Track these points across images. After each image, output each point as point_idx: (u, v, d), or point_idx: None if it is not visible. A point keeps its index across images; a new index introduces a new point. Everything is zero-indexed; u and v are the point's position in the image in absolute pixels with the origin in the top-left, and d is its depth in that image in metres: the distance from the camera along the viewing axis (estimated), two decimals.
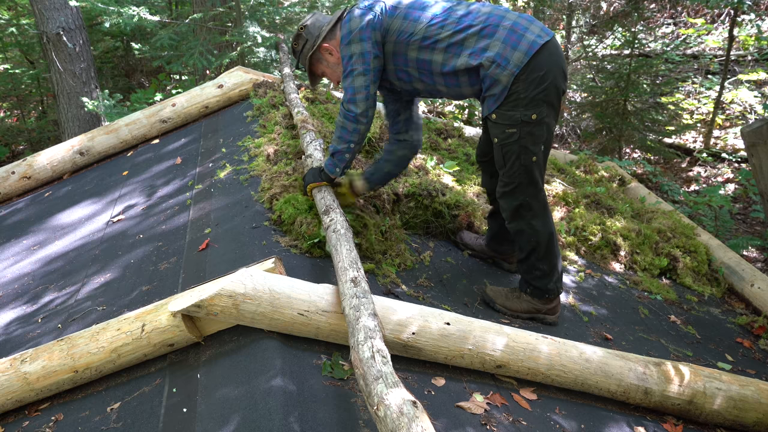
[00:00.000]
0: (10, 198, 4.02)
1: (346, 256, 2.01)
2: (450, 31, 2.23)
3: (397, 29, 2.27)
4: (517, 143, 2.27)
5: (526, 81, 2.17)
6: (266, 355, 1.82)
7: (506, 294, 2.55)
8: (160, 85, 8.03)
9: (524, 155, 2.29)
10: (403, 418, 1.30)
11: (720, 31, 9.38)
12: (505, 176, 2.37)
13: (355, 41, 2.25)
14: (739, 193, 6.25)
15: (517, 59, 2.15)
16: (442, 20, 2.24)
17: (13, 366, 1.98)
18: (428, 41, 2.26)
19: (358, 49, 2.25)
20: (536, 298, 2.51)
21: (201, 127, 4.15)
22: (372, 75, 2.27)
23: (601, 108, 6.70)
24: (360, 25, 2.24)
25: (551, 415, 2.02)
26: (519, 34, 2.17)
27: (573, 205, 3.64)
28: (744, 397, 2.19)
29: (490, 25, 2.20)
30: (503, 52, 2.16)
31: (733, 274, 3.46)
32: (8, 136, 8.32)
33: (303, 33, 2.43)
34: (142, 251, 2.79)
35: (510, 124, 2.24)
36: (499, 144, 2.31)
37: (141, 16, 5.34)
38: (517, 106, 2.20)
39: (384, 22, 2.26)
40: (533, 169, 2.33)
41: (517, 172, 2.33)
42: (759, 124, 3.01)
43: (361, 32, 2.24)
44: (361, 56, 2.25)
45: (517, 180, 2.35)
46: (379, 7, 2.28)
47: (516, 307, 2.51)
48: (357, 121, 2.32)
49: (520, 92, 2.18)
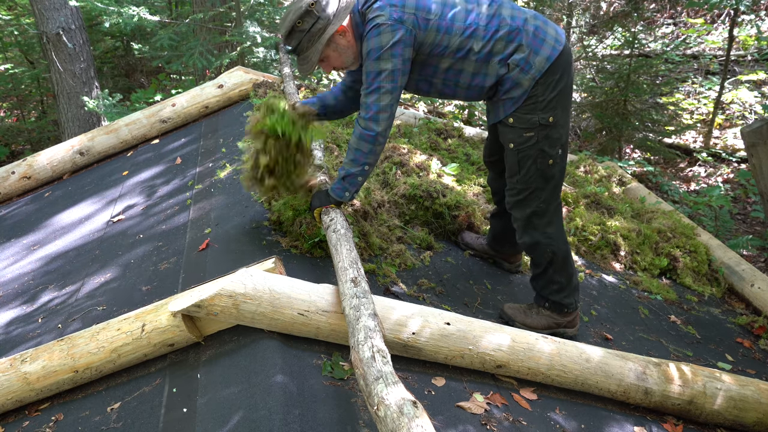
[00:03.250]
0: (10, 198, 4.02)
1: (346, 256, 2.01)
2: (482, 39, 2.16)
3: (431, 43, 2.15)
4: (535, 147, 2.23)
5: (544, 84, 2.16)
6: (266, 355, 1.82)
7: (524, 311, 2.49)
8: (160, 85, 8.03)
9: (541, 159, 2.25)
10: (403, 418, 1.30)
11: (720, 31, 9.39)
12: (519, 183, 2.31)
13: (386, 58, 2.08)
14: (739, 193, 6.24)
15: (540, 64, 2.14)
16: (474, 29, 2.15)
17: (13, 366, 1.98)
18: (461, 52, 2.17)
19: (389, 66, 2.09)
20: (555, 312, 2.46)
21: (201, 127, 4.15)
22: (398, 93, 2.16)
23: (601, 108, 6.70)
24: (392, 41, 2.07)
25: (551, 415, 2.02)
26: (540, 38, 2.16)
27: (573, 205, 3.64)
28: (744, 397, 2.19)
29: (516, 28, 2.16)
30: (528, 57, 2.14)
31: (733, 274, 3.46)
32: (8, 136, 8.32)
33: (314, 10, 2.12)
34: (142, 251, 2.79)
35: (528, 127, 2.21)
36: (516, 149, 2.26)
37: (141, 16, 5.34)
38: (535, 109, 2.19)
39: (418, 36, 2.11)
40: (550, 174, 2.29)
41: (533, 177, 2.28)
42: (759, 124, 3.01)
43: (392, 48, 2.08)
44: (392, 74, 2.11)
45: (533, 185, 2.29)
46: (410, 20, 2.09)
47: (536, 324, 2.44)
48: (375, 141, 2.18)
49: (538, 95, 2.17)
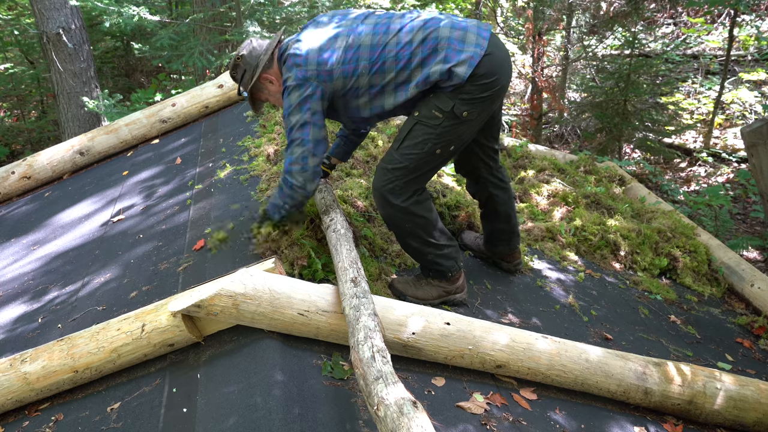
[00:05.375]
0: (10, 198, 4.02)
1: (346, 256, 2.01)
2: (393, 71, 2.20)
3: (341, 88, 2.24)
4: (435, 129, 2.21)
5: (475, 84, 2.16)
6: (266, 355, 1.83)
7: (414, 283, 2.47)
8: (160, 85, 8.03)
9: (431, 143, 2.23)
10: (403, 418, 1.30)
11: (720, 31, 9.39)
12: (397, 152, 2.26)
13: (295, 113, 2.21)
14: (739, 193, 6.24)
15: (461, 72, 2.13)
16: (381, 64, 2.20)
17: (13, 366, 1.98)
18: (375, 88, 2.24)
19: (299, 119, 2.21)
20: (442, 280, 2.45)
21: (201, 127, 4.15)
22: (312, 146, 2.22)
23: (601, 108, 6.70)
24: (300, 98, 2.19)
25: (551, 415, 2.02)
26: (458, 49, 2.15)
27: (573, 205, 3.64)
28: (744, 397, 2.19)
29: (430, 50, 2.16)
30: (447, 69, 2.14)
31: (733, 274, 3.45)
32: (8, 136, 8.31)
33: (240, 63, 2.34)
34: (142, 251, 2.79)
35: (441, 108, 2.19)
36: (417, 119, 2.23)
37: (141, 16, 5.34)
38: (457, 98, 2.18)
39: (326, 88, 2.21)
40: (429, 162, 2.27)
41: (413, 154, 2.24)
42: (759, 124, 3.01)
43: (300, 105, 2.20)
44: (302, 126, 2.21)
45: (406, 163, 2.24)
46: (313, 76, 2.19)
47: (427, 296, 2.43)
48: (293, 190, 2.27)
49: (468, 90, 2.17)
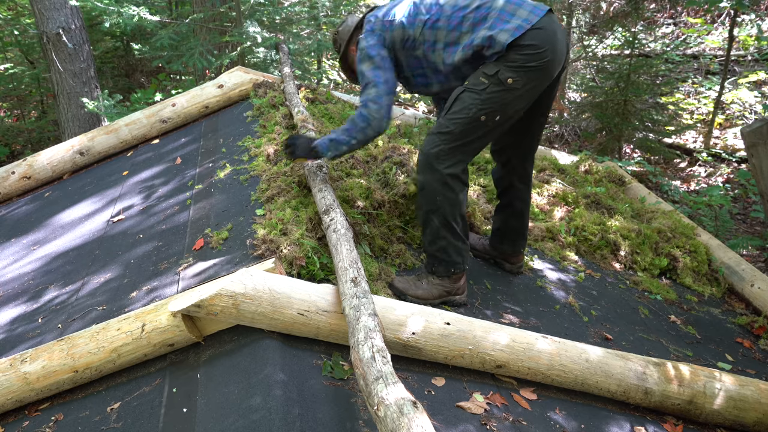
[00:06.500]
0: (10, 198, 4.01)
1: (346, 256, 2.01)
2: (444, 30, 2.36)
3: (400, 39, 2.43)
4: (479, 94, 2.27)
5: (519, 53, 2.24)
6: (266, 355, 1.83)
7: (414, 282, 2.45)
8: (160, 85, 8.02)
9: (477, 109, 2.27)
10: (403, 418, 1.30)
11: (720, 31, 9.39)
12: (444, 118, 2.35)
13: (364, 60, 2.43)
14: (739, 193, 6.24)
15: (502, 39, 2.23)
16: (435, 20, 2.37)
17: (13, 366, 1.98)
18: (428, 44, 2.42)
19: (368, 65, 2.42)
20: (445, 278, 2.43)
21: (201, 127, 4.15)
22: (384, 86, 2.40)
23: (601, 108, 6.70)
24: (366, 46, 2.42)
25: (551, 415, 2.02)
26: (505, 20, 2.26)
27: (573, 205, 3.64)
28: (744, 397, 2.19)
29: (480, 18, 2.30)
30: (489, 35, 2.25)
31: (733, 274, 3.45)
32: (8, 136, 8.31)
33: (336, 38, 2.69)
34: (142, 251, 2.79)
35: (487, 74, 2.27)
36: (465, 87, 2.31)
37: (141, 16, 5.33)
38: (502, 65, 2.25)
39: (387, 37, 2.43)
40: (475, 129, 2.31)
41: (460, 120, 2.29)
42: (759, 124, 3.01)
43: (368, 51, 2.42)
44: (372, 70, 2.41)
45: (452, 127, 2.31)
46: (378, 27, 2.45)
47: (427, 295, 2.41)
48: (369, 125, 2.42)
49: (512, 57, 2.24)
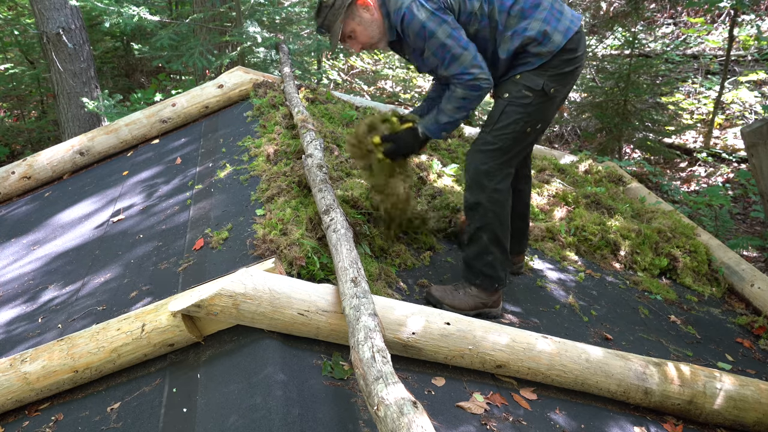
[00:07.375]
0: (10, 198, 4.01)
1: (346, 256, 2.01)
2: (496, 11, 2.26)
3: (458, 10, 2.24)
4: (526, 108, 2.28)
5: (562, 58, 2.26)
6: (266, 355, 1.83)
7: (452, 291, 2.42)
8: (160, 85, 8.02)
9: (523, 122, 2.30)
10: (403, 418, 1.30)
11: (720, 31, 9.39)
12: (490, 134, 2.32)
13: (438, 27, 2.19)
14: (739, 193, 6.24)
15: (557, 39, 2.24)
16: None
17: (13, 366, 1.98)
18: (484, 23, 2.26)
19: (444, 32, 2.20)
20: (484, 291, 2.39)
21: (201, 127, 4.15)
22: (472, 48, 2.22)
23: (601, 108, 6.70)
24: (430, 12, 2.18)
25: (551, 415, 2.02)
26: (556, 17, 2.26)
27: (573, 205, 3.64)
28: (744, 397, 2.19)
29: (531, 5, 2.26)
30: (545, 30, 2.24)
31: (733, 274, 3.45)
32: (8, 136, 8.30)
33: None
34: (142, 251, 2.79)
35: (530, 87, 2.27)
36: (507, 100, 2.30)
37: (141, 16, 5.33)
38: (545, 75, 2.27)
39: (445, 4, 2.21)
40: (520, 141, 2.33)
41: (506, 135, 2.30)
42: (759, 124, 3.01)
43: (435, 17, 2.18)
44: (449, 36, 2.20)
45: (500, 143, 2.31)
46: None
47: (463, 305, 2.38)
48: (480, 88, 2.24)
49: (554, 65, 2.26)
